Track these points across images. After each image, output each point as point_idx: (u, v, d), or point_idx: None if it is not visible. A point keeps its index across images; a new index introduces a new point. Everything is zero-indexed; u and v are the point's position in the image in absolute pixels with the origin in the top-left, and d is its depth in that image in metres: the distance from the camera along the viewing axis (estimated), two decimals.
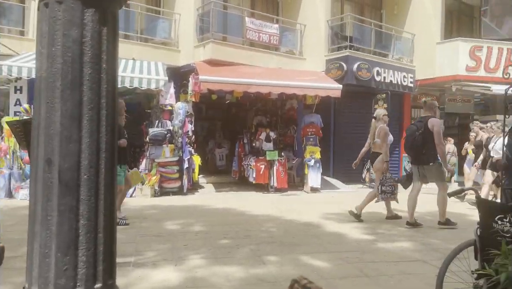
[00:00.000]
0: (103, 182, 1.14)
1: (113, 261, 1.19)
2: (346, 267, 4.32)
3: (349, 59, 11.62)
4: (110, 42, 1.13)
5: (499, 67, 12.35)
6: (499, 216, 2.71)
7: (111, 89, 1.14)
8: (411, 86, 13.11)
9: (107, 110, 1.13)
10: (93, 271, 1.11)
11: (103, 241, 1.13)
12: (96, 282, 1.12)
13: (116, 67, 1.18)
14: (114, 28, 1.16)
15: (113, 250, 1.18)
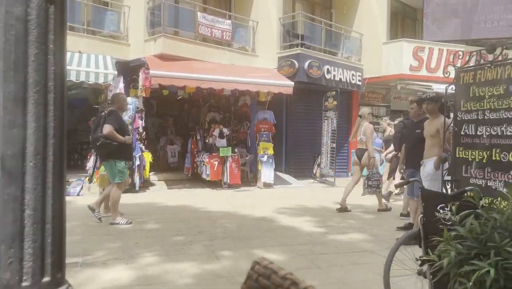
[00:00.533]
0: (51, 170, 1.06)
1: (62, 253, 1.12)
2: (299, 259, 4.40)
3: (300, 57, 11.82)
4: (58, 21, 1.06)
5: (440, 67, 13.08)
6: (440, 205, 2.88)
7: (59, 71, 1.07)
8: (359, 84, 13.57)
9: (55, 94, 1.06)
10: (40, 264, 1.04)
11: (51, 233, 1.06)
12: (44, 275, 1.05)
13: (65, 48, 1.10)
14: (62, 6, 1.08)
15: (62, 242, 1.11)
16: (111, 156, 5.71)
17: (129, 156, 6.10)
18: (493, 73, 3.66)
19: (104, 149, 5.66)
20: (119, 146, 5.68)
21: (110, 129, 5.56)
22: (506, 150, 3.44)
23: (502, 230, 1.99)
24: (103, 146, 5.63)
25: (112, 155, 5.69)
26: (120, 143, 5.68)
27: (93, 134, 5.77)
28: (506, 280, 1.76)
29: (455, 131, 4.04)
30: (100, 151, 5.81)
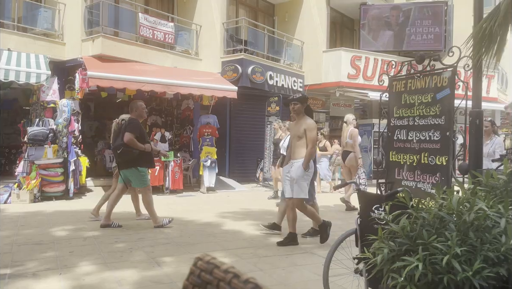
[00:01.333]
0: None
1: None
2: (242, 263, 4.41)
3: (244, 62, 11.92)
4: None
5: (375, 75, 13.80)
6: (375, 205, 3.02)
7: None
8: (301, 91, 13.94)
9: None
10: None
11: None
12: None
13: None
14: None
15: None
16: (132, 163, 5.78)
17: (150, 163, 6.13)
18: (422, 82, 3.90)
19: (125, 156, 5.71)
20: (140, 153, 5.75)
21: (131, 137, 5.64)
22: (433, 153, 3.68)
23: (430, 228, 2.13)
24: (123, 154, 5.69)
25: (133, 162, 5.77)
26: (140, 151, 5.75)
27: (114, 142, 5.85)
28: (433, 274, 1.89)
29: (388, 136, 4.27)
30: (120, 159, 5.80)
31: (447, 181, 3.42)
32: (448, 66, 3.44)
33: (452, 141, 3.52)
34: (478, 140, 3.95)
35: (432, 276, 1.89)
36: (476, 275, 1.81)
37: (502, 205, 2.18)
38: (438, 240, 1.98)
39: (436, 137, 3.67)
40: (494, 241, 1.95)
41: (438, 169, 3.60)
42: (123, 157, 5.72)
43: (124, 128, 5.72)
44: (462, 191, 2.47)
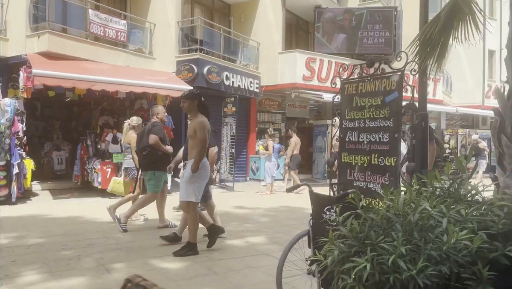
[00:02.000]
0: None
1: None
2: (195, 267, 4.35)
3: (199, 62, 11.79)
4: None
5: (329, 77, 14.11)
6: (327, 207, 3.07)
7: None
8: (257, 92, 14.00)
9: None
10: None
11: None
12: None
13: None
14: None
15: None
16: (152, 166, 5.97)
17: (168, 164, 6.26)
18: (372, 85, 4.00)
19: (150, 157, 5.90)
20: (162, 155, 5.99)
21: (156, 140, 5.86)
22: (383, 154, 3.78)
23: (378, 228, 2.18)
24: (149, 155, 5.88)
25: (154, 165, 5.96)
26: (163, 153, 5.98)
27: (139, 144, 6.03)
28: (380, 274, 1.93)
29: (341, 138, 4.35)
30: (145, 160, 5.97)
31: (396, 181, 3.52)
32: (397, 70, 3.55)
33: (400, 142, 3.63)
34: (424, 141, 4.12)
35: (379, 276, 1.93)
36: (420, 274, 1.87)
37: (445, 205, 2.27)
38: (385, 241, 2.03)
39: (385, 139, 3.77)
40: (437, 240, 2.02)
41: (387, 170, 3.69)
42: (148, 158, 5.91)
43: (149, 131, 5.94)
44: (409, 191, 2.56)
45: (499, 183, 2.94)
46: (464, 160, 2.71)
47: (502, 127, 2.94)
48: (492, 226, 2.15)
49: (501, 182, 2.92)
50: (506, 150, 2.87)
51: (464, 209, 2.25)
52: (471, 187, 2.50)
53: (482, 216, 2.24)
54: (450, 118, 20.23)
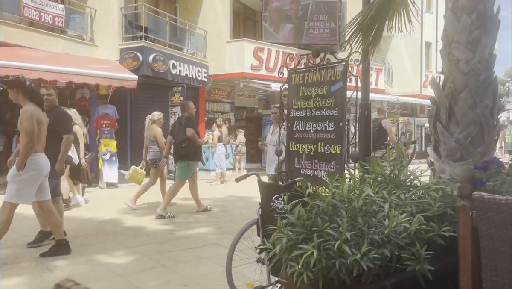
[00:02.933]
0: None
1: None
2: (143, 260, 4.25)
3: (144, 50, 11.42)
4: None
5: (277, 67, 14.22)
6: (275, 195, 3.10)
7: None
8: (205, 81, 13.83)
9: None
10: None
11: None
12: None
13: None
14: None
15: None
16: (188, 156, 6.52)
17: (201, 156, 7.08)
18: (318, 75, 4.06)
19: (188, 149, 6.44)
20: (197, 147, 6.63)
21: (193, 133, 6.44)
22: (328, 143, 3.86)
23: (324, 215, 2.24)
24: (188, 146, 6.43)
25: (190, 155, 6.53)
26: (198, 145, 6.61)
27: (177, 137, 6.53)
28: (327, 259, 1.98)
29: (288, 127, 4.40)
30: (183, 151, 6.47)
31: (341, 169, 3.62)
32: (341, 61, 3.64)
33: (345, 131, 3.73)
34: (367, 130, 4.28)
35: (325, 261, 1.98)
36: (364, 257, 1.94)
37: (386, 191, 2.37)
38: (331, 227, 2.09)
39: (331, 127, 3.85)
40: (379, 225, 2.11)
41: (333, 157, 3.78)
42: (187, 149, 6.45)
43: (185, 125, 6.47)
44: (353, 178, 2.64)
45: (435, 168, 3.12)
46: (404, 146, 2.84)
47: (437, 116, 3.10)
48: (428, 209, 2.28)
49: (437, 167, 3.09)
50: (441, 137, 3.04)
51: (404, 194, 2.36)
52: (410, 172, 2.62)
53: (420, 199, 2.37)
54: (391, 107, 21.17)
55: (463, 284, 1.76)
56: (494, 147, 3.08)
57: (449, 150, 2.97)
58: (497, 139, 3.12)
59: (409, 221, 2.08)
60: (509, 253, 1.38)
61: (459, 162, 2.93)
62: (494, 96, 2.98)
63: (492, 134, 2.97)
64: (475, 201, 1.51)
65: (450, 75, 3.03)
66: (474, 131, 2.89)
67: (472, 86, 2.92)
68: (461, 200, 1.79)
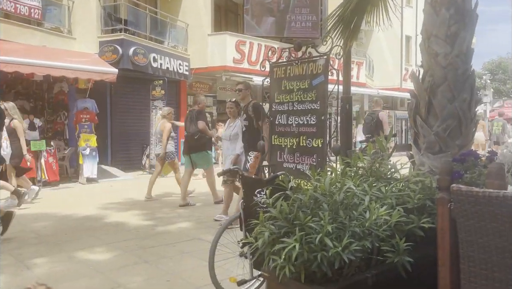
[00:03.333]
0: None
1: None
2: (125, 256, 4.21)
3: (124, 43, 11.23)
4: None
5: (259, 60, 14.18)
6: (258, 190, 3.10)
7: None
8: (187, 74, 13.70)
9: None
10: None
11: None
12: None
13: None
14: None
15: None
16: (205, 147, 6.84)
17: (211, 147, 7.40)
18: (300, 69, 4.06)
19: (201, 140, 6.73)
20: (209, 138, 6.96)
21: (204, 125, 6.68)
22: (310, 136, 3.88)
23: (306, 209, 2.25)
24: (200, 138, 6.70)
25: (205, 146, 6.86)
26: (208, 136, 6.89)
27: (189, 129, 6.80)
28: (309, 252, 1.99)
29: (271, 121, 4.39)
30: (196, 143, 6.73)
31: (323, 162, 3.64)
32: (322, 54, 3.64)
33: (326, 124, 3.75)
34: (348, 123, 4.31)
35: (307, 255, 1.99)
36: (345, 250, 1.96)
37: (367, 184, 2.40)
38: (313, 220, 2.09)
39: (313, 121, 3.87)
40: (360, 217, 2.13)
41: (315, 151, 3.81)
42: (199, 141, 6.71)
43: (196, 118, 6.71)
44: (334, 172, 2.66)
45: (414, 160, 3.16)
46: (385, 140, 2.87)
47: (417, 109, 3.14)
48: (408, 201, 2.31)
49: (417, 160, 3.14)
50: (420, 130, 3.09)
51: (384, 186, 2.39)
52: (390, 165, 2.66)
53: (400, 192, 2.40)
54: (372, 100, 21.41)
55: (441, 274, 1.80)
56: (471, 140, 3.14)
57: (428, 142, 3.02)
58: (475, 132, 3.19)
59: (389, 214, 2.11)
60: (486, 244, 1.41)
61: (438, 154, 2.98)
62: (471, 90, 3.03)
63: (470, 127, 3.03)
64: (453, 194, 1.53)
65: (429, 69, 3.07)
66: (452, 125, 2.94)
67: (450, 80, 2.96)
68: (440, 192, 1.82)
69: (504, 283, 1.37)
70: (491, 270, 1.40)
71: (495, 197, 1.35)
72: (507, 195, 1.33)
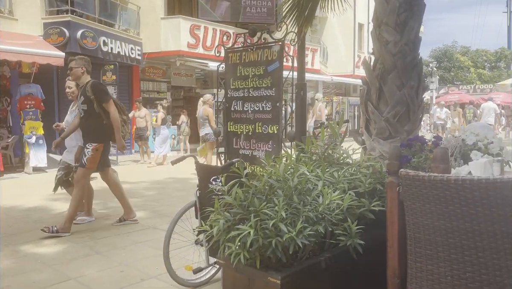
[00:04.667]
0: None
1: None
2: (75, 248, 4.05)
3: (71, 25, 10.67)
4: None
5: (214, 45, 13.98)
6: (213, 177, 3.07)
7: None
8: (139, 59, 13.27)
9: None
10: None
11: None
12: None
13: None
14: None
15: None
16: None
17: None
18: (255, 55, 4.03)
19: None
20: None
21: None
22: (266, 123, 3.89)
23: (261, 195, 2.25)
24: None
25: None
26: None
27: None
28: (264, 239, 2.01)
29: (226, 107, 4.35)
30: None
31: (278, 148, 3.67)
32: (277, 40, 3.63)
33: (281, 111, 3.76)
34: (303, 109, 4.37)
35: (262, 241, 2.00)
36: (299, 235, 1.99)
37: (320, 169, 2.44)
38: (267, 206, 2.10)
39: (268, 108, 3.87)
40: (314, 202, 2.17)
41: (270, 137, 3.82)
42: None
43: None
44: (289, 158, 2.68)
45: (366, 146, 3.26)
46: (337, 126, 2.93)
47: (368, 96, 3.22)
48: (360, 185, 2.38)
49: (368, 145, 3.23)
50: (371, 116, 3.18)
51: (337, 171, 2.44)
52: (342, 150, 2.71)
53: (352, 176, 2.46)
54: (326, 86, 21.81)
55: (390, 254, 1.87)
56: (419, 125, 3.27)
57: (379, 128, 3.11)
58: (422, 118, 3.32)
59: (341, 198, 2.16)
60: (431, 226, 1.47)
61: (388, 139, 3.09)
62: (419, 77, 3.15)
63: (417, 113, 3.15)
64: (401, 178, 1.58)
65: (380, 56, 3.15)
66: (401, 111, 3.05)
67: (399, 67, 3.06)
68: (389, 176, 1.88)
69: (448, 262, 1.45)
70: (436, 250, 1.47)
71: (440, 180, 1.41)
72: (450, 178, 1.40)
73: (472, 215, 1.36)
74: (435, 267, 1.48)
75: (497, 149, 2.22)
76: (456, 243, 1.41)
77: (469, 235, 1.38)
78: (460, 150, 2.25)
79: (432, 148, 2.34)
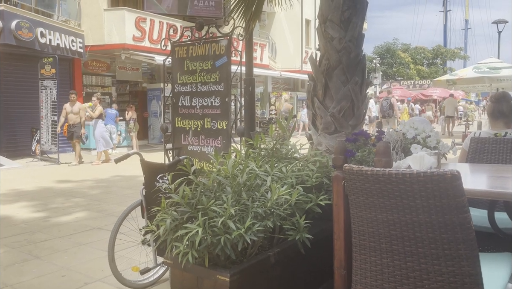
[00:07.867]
0: None
1: None
2: (12, 253, 3.80)
3: (5, 15, 9.96)
4: None
5: (161, 39, 13.63)
6: (160, 175, 2.99)
7: None
8: (81, 52, 12.66)
9: None
10: None
11: None
12: None
13: None
14: None
15: None
16: None
17: None
18: (203, 49, 3.98)
19: None
20: None
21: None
22: (215, 118, 3.85)
23: (209, 192, 2.22)
24: None
25: None
26: None
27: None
28: (212, 236, 1.98)
29: (173, 102, 4.26)
30: None
31: (228, 144, 3.64)
32: (225, 35, 3.60)
33: (230, 106, 3.74)
34: (251, 105, 4.36)
35: (211, 239, 1.97)
36: (248, 231, 1.98)
37: (269, 164, 2.44)
38: (216, 204, 2.07)
39: (217, 103, 3.84)
40: (262, 198, 2.16)
41: (220, 133, 3.79)
42: None
43: None
44: (238, 154, 2.66)
45: (313, 141, 3.31)
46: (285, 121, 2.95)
47: (315, 91, 3.28)
48: (307, 180, 2.41)
49: (315, 140, 3.29)
50: (318, 111, 3.23)
51: (285, 166, 2.46)
52: (290, 146, 2.74)
53: (300, 171, 2.49)
54: (275, 82, 22.04)
55: (337, 247, 1.91)
56: (363, 120, 3.37)
57: (325, 123, 3.18)
58: (365, 113, 3.43)
59: (289, 193, 2.18)
60: (375, 219, 1.52)
61: (334, 134, 3.16)
62: (363, 73, 3.24)
63: (361, 108, 3.25)
64: (346, 172, 1.62)
65: (326, 52, 3.21)
66: (346, 106, 3.12)
67: (344, 63, 3.13)
68: (335, 170, 1.92)
69: (390, 253, 1.50)
70: (379, 242, 1.52)
71: (382, 174, 1.46)
72: (391, 172, 1.44)
73: (412, 207, 1.42)
74: (378, 258, 1.53)
75: (434, 142, 2.34)
76: (397, 235, 1.47)
77: (409, 226, 1.44)
78: (401, 144, 2.35)
79: (375, 142, 2.41)
